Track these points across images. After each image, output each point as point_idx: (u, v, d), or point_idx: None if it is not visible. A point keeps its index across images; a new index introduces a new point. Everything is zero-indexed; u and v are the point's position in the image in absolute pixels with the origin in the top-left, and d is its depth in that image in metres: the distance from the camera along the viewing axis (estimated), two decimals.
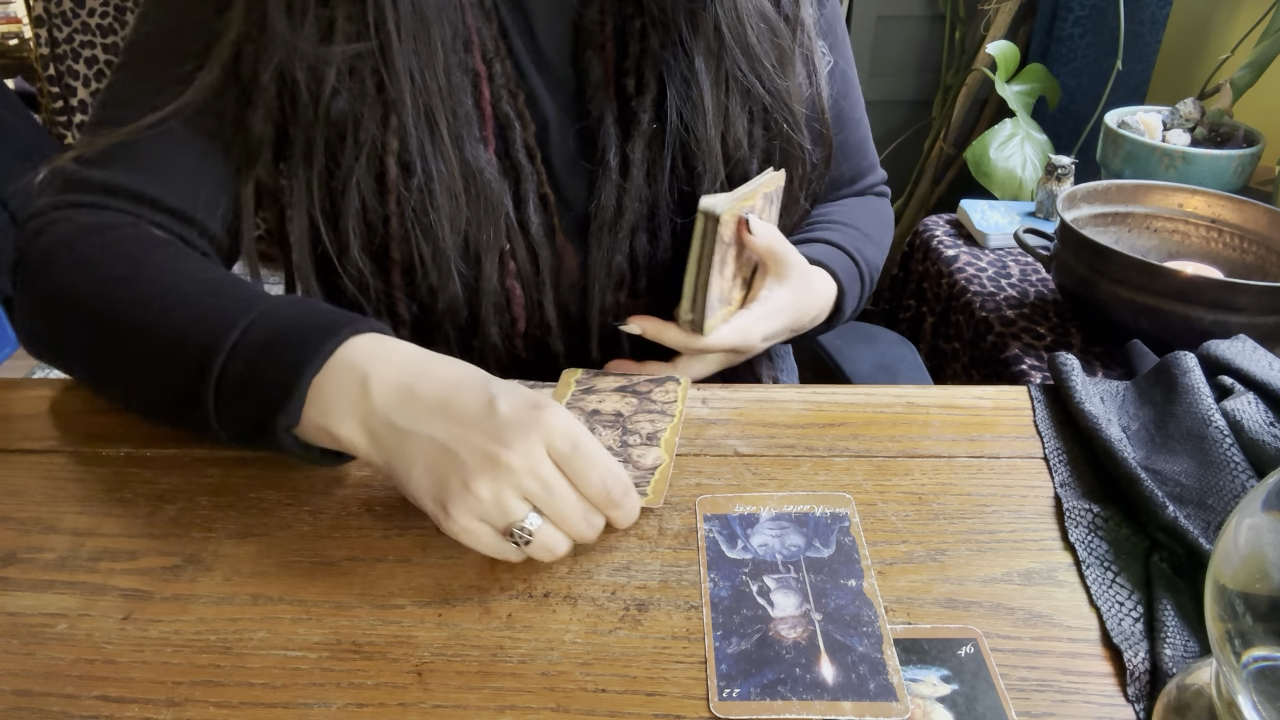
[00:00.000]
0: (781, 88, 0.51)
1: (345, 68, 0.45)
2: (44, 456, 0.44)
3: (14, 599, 0.36)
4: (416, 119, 0.46)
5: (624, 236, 0.51)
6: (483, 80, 0.48)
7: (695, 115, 0.50)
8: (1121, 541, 0.38)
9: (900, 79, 1.80)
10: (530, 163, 0.50)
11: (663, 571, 0.37)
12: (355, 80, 0.46)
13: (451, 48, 0.47)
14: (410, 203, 0.47)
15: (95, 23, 1.97)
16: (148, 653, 0.33)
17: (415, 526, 0.39)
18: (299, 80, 0.45)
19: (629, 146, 0.50)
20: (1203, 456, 0.41)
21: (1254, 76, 1.10)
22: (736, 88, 0.50)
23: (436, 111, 0.46)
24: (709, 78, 0.49)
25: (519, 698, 0.31)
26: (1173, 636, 0.33)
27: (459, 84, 0.47)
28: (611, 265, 0.52)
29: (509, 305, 0.52)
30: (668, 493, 0.40)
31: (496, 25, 0.49)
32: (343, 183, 0.47)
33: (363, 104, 0.46)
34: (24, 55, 1.93)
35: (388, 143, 0.46)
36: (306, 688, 0.32)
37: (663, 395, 0.47)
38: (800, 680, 0.32)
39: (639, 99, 0.50)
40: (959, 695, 0.32)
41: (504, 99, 0.49)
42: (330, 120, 0.46)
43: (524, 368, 0.55)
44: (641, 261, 0.53)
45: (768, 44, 0.50)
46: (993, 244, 1.08)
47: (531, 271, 0.52)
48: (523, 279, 0.52)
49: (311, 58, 0.45)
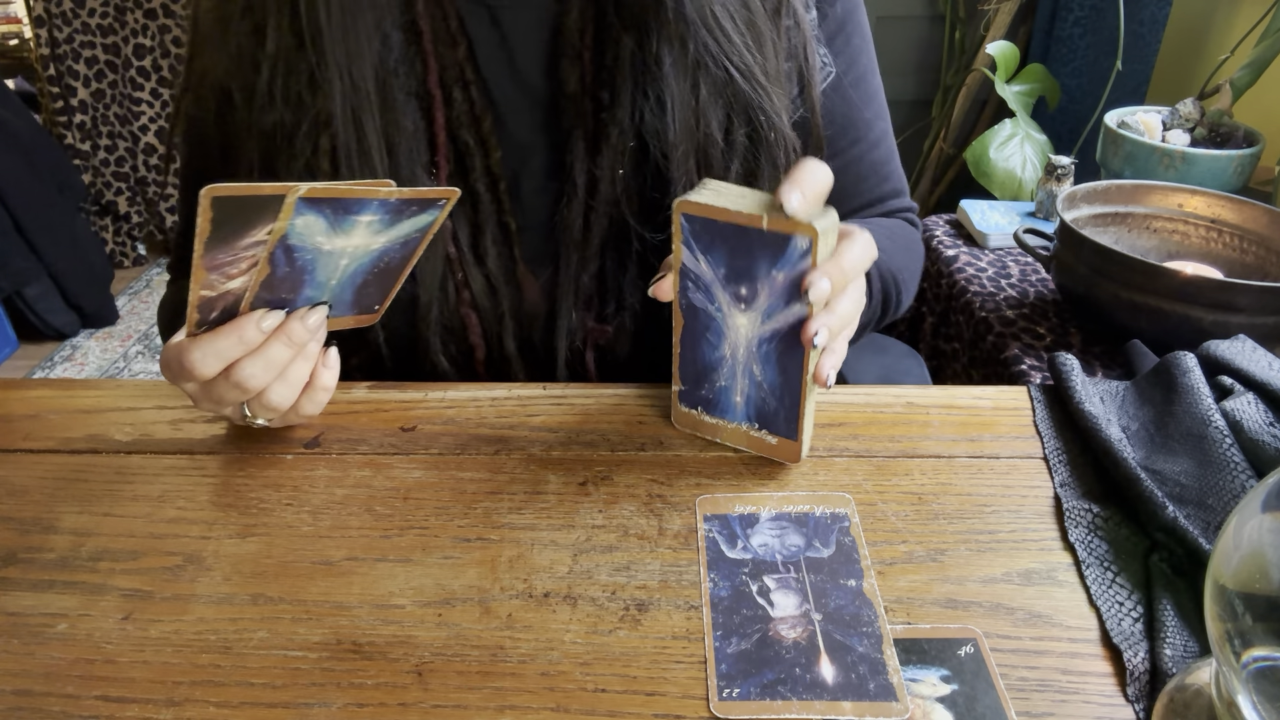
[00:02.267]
0: (756, 66, 0.47)
1: (277, 75, 0.45)
2: (44, 456, 0.44)
3: (14, 599, 0.36)
4: (345, 131, 0.45)
5: (592, 256, 0.50)
6: (436, 106, 0.47)
7: (664, 118, 0.47)
8: (1121, 541, 0.38)
9: (900, 79, 1.80)
10: (490, 191, 0.49)
11: (663, 571, 0.37)
12: (289, 90, 0.45)
13: (383, 59, 0.45)
14: None
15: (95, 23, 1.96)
16: (148, 653, 0.33)
17: (415, 526, 0.39)
18: (229, 88, 0.46)
19: (597, 162, 0.48)
20: (1202, 456, 0.41)
21: (1254, 77, 1.10)
22: (708, 79, 0.47)
23: (366, 123, 0.45)
24: (678, 69, 0.46)
25: (519, 698, 0.31)
26: (1172, 636, 0.33)
27: (401, 106, 0.46)
28: (579, 287, 0.50)
29: (465, 333, 0.51)
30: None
31: (464, 49, 0.47)
32: None
33: (296, 117, 0.46)
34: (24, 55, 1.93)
35: (318, 163, 0.46)
36: (306, 688, 0.32)
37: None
38: (800, 680, 0.32)
39: (609, 111, 0.47)
40: (959, 695, 0.32)
41: (464, 125, 0.48)
42: (263, 133, 0.46)
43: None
44: (610, 282, 0.51)
45: (742, 22, 0.47)
46: (992, 244, 1.08)
47: (489, 301, 0.51)
48: (479, 308, 0.51)
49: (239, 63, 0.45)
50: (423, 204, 0.38)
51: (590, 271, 0.50)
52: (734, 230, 0.38)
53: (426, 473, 0.43)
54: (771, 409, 0.42)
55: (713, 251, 0.39)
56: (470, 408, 0.47)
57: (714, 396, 0.43)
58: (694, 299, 0.41)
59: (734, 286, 0.40)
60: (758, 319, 0.40)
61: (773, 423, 0.42)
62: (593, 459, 0.44)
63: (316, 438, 0.45)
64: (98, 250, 1.92)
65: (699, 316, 0.42)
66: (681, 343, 0.43)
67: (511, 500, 0.41)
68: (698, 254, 0.40)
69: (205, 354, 0.37)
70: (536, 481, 0.42)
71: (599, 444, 0.45)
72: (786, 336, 0.39)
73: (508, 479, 0.42)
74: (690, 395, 0.44)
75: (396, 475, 0.42)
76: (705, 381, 0.43)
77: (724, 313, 0.41)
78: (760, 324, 0.40)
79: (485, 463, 0.43)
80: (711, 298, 0.41)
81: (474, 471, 0.43)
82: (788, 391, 0.41)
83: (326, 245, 0.37)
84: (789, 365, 0.40)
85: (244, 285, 0.37)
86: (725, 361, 0.42)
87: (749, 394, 0.42)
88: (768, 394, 0.41)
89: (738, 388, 0.42)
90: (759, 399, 0.42)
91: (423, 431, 0.46)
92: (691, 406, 0.45)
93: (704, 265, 0.40)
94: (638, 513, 0.40)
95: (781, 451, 0.43)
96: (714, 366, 0.43)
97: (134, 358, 1.79)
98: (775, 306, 0.39)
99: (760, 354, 0.41)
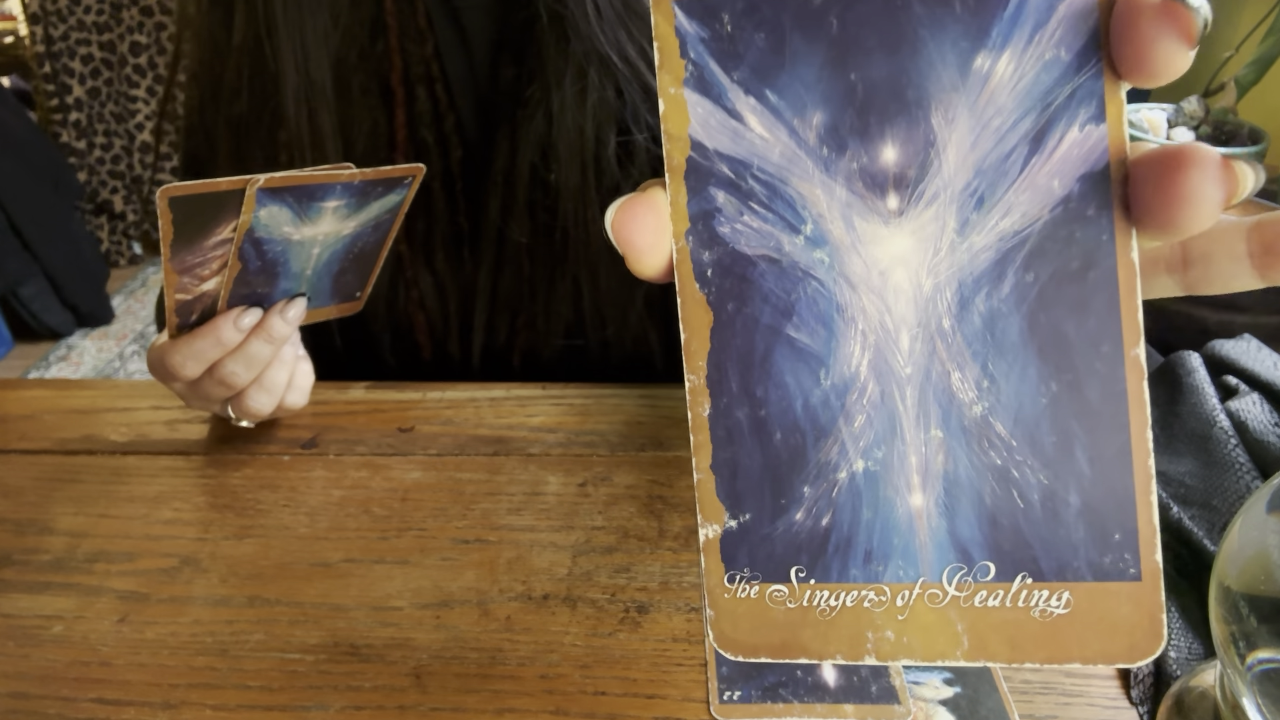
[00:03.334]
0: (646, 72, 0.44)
1: (244, 67, 0.45)
2: (39, 457, 0.44)
3: (9, 601, 0.36)
4: (299, 126, 0.45)
5: (510, 255, 0.49)
6: (398, 103, 0.47)
7: (560, 108, 0.45)
8: None
9: None
10: (446, 190, 0.48)
11: (663, 573, 0.37)
12: (254, 82, 0.45)
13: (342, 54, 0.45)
14: None
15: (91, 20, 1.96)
16: (144, 655, 0.33)
17: (413, 528, 0.39)
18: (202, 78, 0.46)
19: (518, 157, 0.47)
20: (1207, 457, 0.41)
21: (1258, 74, 1.10)
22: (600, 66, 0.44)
23: (322, 120, 0.45)
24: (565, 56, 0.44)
25: (518, 700, 0.31)
26: (1177, 638, 0.33)
27: (360, 102, 0.46)
28: (497, 288, 0.50)
29: (411, 332, 0.51)
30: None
31: (431, 46, 0.46)
32: None
33: (258, 110, 0.46)
34: (19, 53, 1.92)
35: (277, 154, 0.46)
36: (304, 690, 0.32)
37: None
38: (802, 683, 0.32)
39: (524, 107, 0.46)
40: (962, 698, 0.31)
41: (425, 124, 0.47)
42: (229, 122, 0.46)
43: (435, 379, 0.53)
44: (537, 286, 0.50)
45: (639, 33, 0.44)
46: None
47: (436, 301, 0.50)
48: (426, 308, 0.50)
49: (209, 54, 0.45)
50: (388, 184, 0.37)
51: (508, 273, 0.50)
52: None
53: (424, 474, 0.42)
54: (1043, 502, 0.16)
55: (779, 74, 0.16)
56: (469, 408, 0.47)
57: (835, 522, 0.17)
58: (728, 232, 0.17)
59: (858, 151, 0.16)
60: (947, 227, 0.16)
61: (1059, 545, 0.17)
62: (592, 459, 0.43)
63: (314, 438, 0.45)
64: (93, 249, 1.91)
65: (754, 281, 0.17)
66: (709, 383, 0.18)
67: (510, 501, 0.41)
68: (734, 96, 0.17)
69: (185, 357, 0.37)
70: (535, 482, 0.42)
71: (598, 444, 0.44)
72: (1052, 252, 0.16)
73: (506, 480, 0.42)
74: (757, 534, 0.18)
75: (394, 476, 0.42)
76: (797, 483, 0.17)
77: (833, 245, 0.17)
78: (959, 240, 0.16)
79: (484, 463, 0.43)
80: (789, 211, 0.17)
81: (472, 472, 0.42)
82: (1087, 427, 0.16)
83: (295, 235, 0.36)
84: (1074, 338, 0.16)
85: (219, 285, 0.36)
86: (856, 393, 0.17)
87: (954, 477, 0.17)
88: (1021, 456, 0.16)
89: (908, 470, 0.17)
90: (992, 485, 0.17)
91: (421, 432, 0.45)
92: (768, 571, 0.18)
93: (755, 121, 0.17)
94: (637, 514, 0.40)
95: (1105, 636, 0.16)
96: (821, 425, 0.17)
97: (129, 357, 1.79)
98: (1002, 165, 0.16)
99: (975, 334, 0.16)
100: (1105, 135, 0.15)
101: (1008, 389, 0.16)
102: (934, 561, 0.17)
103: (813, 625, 0.18)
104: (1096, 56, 0.15)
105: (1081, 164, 0.16)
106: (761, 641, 0.18)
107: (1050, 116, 0.16)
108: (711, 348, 0.17)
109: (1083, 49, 0.15)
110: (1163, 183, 0.15)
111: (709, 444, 0.18)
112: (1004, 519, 0.16)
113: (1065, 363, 0.16)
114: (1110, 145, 0.15)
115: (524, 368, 0.52)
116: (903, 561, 0.17)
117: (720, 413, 0.17)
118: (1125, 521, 0.16)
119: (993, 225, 0.16)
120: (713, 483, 0.18)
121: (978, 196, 0.16)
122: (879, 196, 0.16)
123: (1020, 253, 0.16)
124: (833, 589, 0.17)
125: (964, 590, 0.17)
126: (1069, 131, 0.16)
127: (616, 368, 0.53)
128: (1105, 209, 0.16)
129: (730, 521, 0.18)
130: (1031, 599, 0.16)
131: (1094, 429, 0.16)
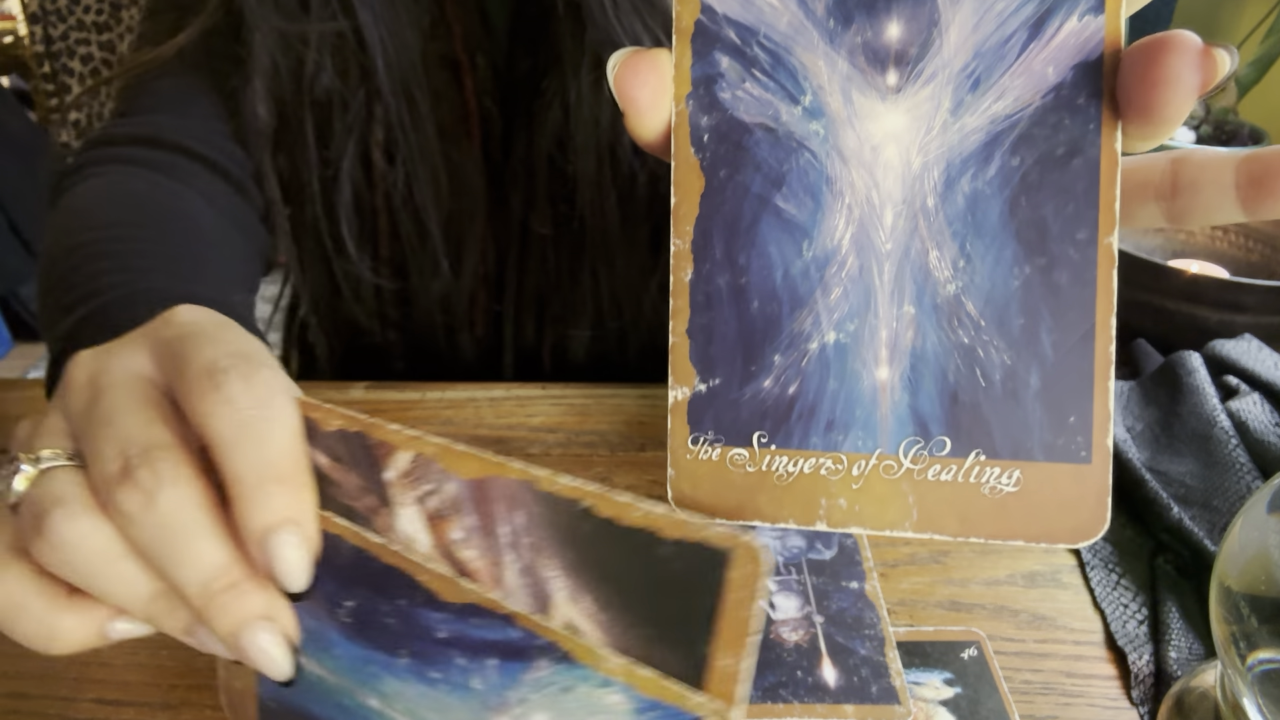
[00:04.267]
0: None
1: (326, 46, 0.44)
2: None
3: None
4: (397, 101, 0.45)
5: (534, 250, 0.49)
6: (465, 72, 0.46)
7: (576, 99, 0.45)
8: (1126, 543, 0.38)
9: None
10: (506, 160, 0.49)
11: None
12: (338, 60, 0.45)
13: (429, 33, 0.45)
14: (398, 194, 0.47)
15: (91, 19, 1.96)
16: (143, 655, 0.33)
17: None
18: (276, 59, 0.44)
19: (535, 148, 0.47)
20: (1208, 457, 0.41)
21: (1259, 74, 1.10)
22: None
23: (415, 93, 0.45)
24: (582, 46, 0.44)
25: None
26: (1177, 639, 0.33)
27: (435, 70, 0.46)
28: (523, 284, 0.50)
29: (472, 310, 0.52)
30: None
31: (478, 17, 0.47)
32: (334, 171, 0.46)
33: (347, 86, 0.45)
34: (18, 52, 1.92)
35: (372, 131, 0.45)
36: None
37: None
38: (802, 683, 0.32)
39: (541, 97, 0.46)
40: (962, 699, 0.31)
41: (486, 93, 0.47)
42: (315, 102, 0.45)
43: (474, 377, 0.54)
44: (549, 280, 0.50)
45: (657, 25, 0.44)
46: None
47: (495, 276, 0.51)
48: (487, 285, 0.51)
49: (285, 34, 0.44)
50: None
51: (531, 268, 0.50)
52: None
53: None
54: (1004, 382, 0.17)
55: None
56: (469, 408, 0.47)
57: (801, 391, 0.18)
58: (728, 98, 0.17)
59: (863, 25, 0.17)
60: (942, 106, 0.16)
61: (1015, 425, 0.17)
62: (592, 459, 0.43)
63: None
64: None
65: (748, 149, 0.17)
66: (694, 248, 0.18)
67: None
68: None
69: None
70: None
71: (598, 444, 0.44)
72: (1039, 138, 0.16)
73: None
74: (725, 399, 0.18)
75: None
76: (768, 351, 0.18)
77: (829, 117, 0.17)
78: (952, 120, 0.16)
79: None
80: (790, 81, 0.17)
81: None
82: (1054, 311, 0.17)
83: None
84: (1052, 224, 0.16)
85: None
86: (836, 266, 0.17)
87: (921, 353, 0.17)
88: (988, 336, 0.17)
89: (877, 344, 0.17)
90: (957, 363, 0.17)
91: None
92: (731, 435, 0.18)
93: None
94: None
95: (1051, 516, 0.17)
96: (798, 295, 0.18)
97: None
98: (1000, 49, 0.16)
99: (957, 214, 0.17)
100: (1102, 27, 0.16)
101: (983, 270, 0.17)
102: (893, 434, 0.17)
103: (769, 490, 0.18)
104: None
105: (1077, 53, 0.16)
106: (719, 503, 0.18)
107: (1051, 4, 0.16)
108: (700, 214, 0.18)
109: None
110: (1145, 66, 0.15)
111: (687, 309, 0.18)
112: (965, 396, 0.17)
113: (1041, 246, 0.16)
114: (1106, 36, 0.16)
115: (553, 360, 0.52)
116: (863, 432, 0.17)
117: (702, 278, 0.18)
118: (1081, 405, 0.17)
119: (986, 108, 0.16)
120: (687, 346, 0.18)
121: (974, 78, 0.16)
122: (879, 72, 0.17)
123: (1009, 136, 0.16)
124: (792, 455, 0.18)
125: (919, 463, 0.17)
126: (1068, 20, 0.16)
127: (634, 357, 0.53)
128: (1095, 98, 0.16)
129: (700, 385, 0.18)
130: (984, 475, 0.17)
131: (1061, 313, 0.16)
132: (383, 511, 0.19)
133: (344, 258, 0.48)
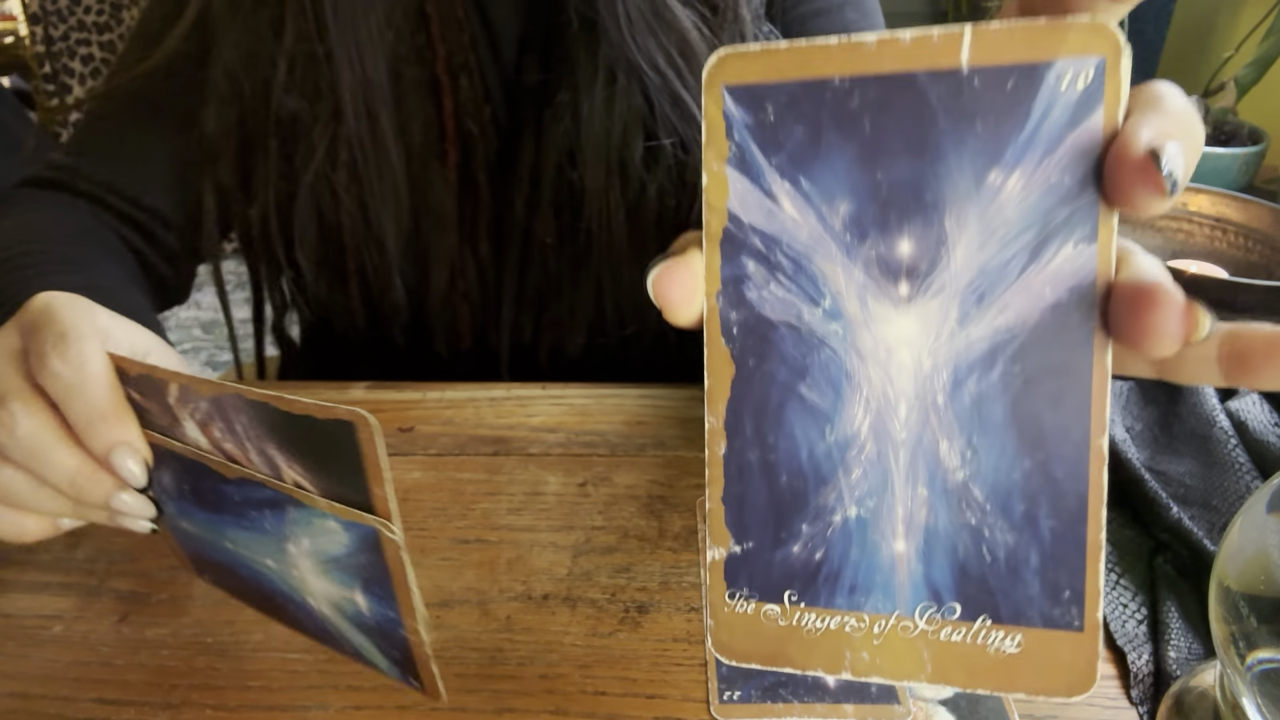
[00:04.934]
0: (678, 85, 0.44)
1: (295, 66, 0.45)
2: None
3: (10, 600, 0.36)
4: (358, 122, 0.45)
5: (535, 255, 0.49)
6: (445, 93, 0.47)
7: (588, 113, 0.45)
8: (1125, 543, 0.38)
9: None
10: (490, 181, 0.48)
11: (663, 573, 0.37)
12: (306, 81, 0.45)
13: (396, 50, 0.45)
14: (356, 215, 0.47)
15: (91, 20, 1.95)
16: (144, 655, 0.33)
17: (413, 528, 0.39)
18: (241, 78, 0.45)
19: (543, 157, 0.47)
20: (1207, 457, 0.41)
21: (1258, 74, 1.09)
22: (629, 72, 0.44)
23: (380, 114, 0.45)
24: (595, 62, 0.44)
25: (518, 700, 0.31)
26: (1177, 639, 0.33)
27: (410, 92, 0.46)
28: (523, 286, 0.50)
29: (454, 322, 0.52)
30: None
31: (468, 35, 0.47)
32: (295, 189, 0.47)
33: (313, 106, 0.46)
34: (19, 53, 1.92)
35: (337, 152, 0.46)
36: (304, 690, 0.32)
37: None
38: (802, 683, 0.32)
39: (552, 108, 0.46)
40: (961, 698, 0.31)
41: (468, 113, 0.47)
42: (279, 121, 0.46)
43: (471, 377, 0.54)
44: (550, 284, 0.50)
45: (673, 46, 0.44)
46: None
47: (479, 292, 0.51)
48: (469, 300, 0.51)
49: (254, 54, 0.45)
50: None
51: (532, 273, 0.50)
52: (874, 93, 0.18)
53: (424, 473, 0.42)
54: (1007, 559, 0.19)
55: (813, 164, 0.18)
56: (469, 408, 0.47)
57: (827, 558, 0.20)
58: (754, 297, 0.19)
59: (877, 241, 0.18)
60: (949, 316, 0.18)
61: (1017, 596, 0.19)
62: (592, 459, 0.43)
63: None
64: None
65: (774, 343, 0.19)
66: (727, 426, 0.20)
67: (510, 501, 0.41)
68: (770, 179, 0.19)
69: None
70: (535, 482, 0.42)
71: (598, 444, 0.44)
72: (1037, 350, 0.18)
73: (506, 480, 0.42)
74: (758, 561, 0.20)
75: (394, 476, 0.42)
76: (796, 520, 0.20)
77: (847, 320, 0.19)
78: (958, 329, 0.18)
79: (483, 463, 0.43)
80: (810, 286, 0.19)
81: (472, 472, 0.42)
82: (1051, 500, 0.18)
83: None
84: (1049, 425, 0.18)
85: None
86: (856, 450, 0.19)
87: (934, 530, 0.19)
88: (992, 519, 0.19)
89: (895, 520, 0.19)
90: (966, 540, 0.19)
91: (420, 432, 0.45)
92: (765, 592, 0.20)
93: (788, 203, 0.19)
94: (637, 514, 0.40)
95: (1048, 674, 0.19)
96: (822, 473, 0.19)
97: None
98: (1003, 269, 0.18)
99: (964, 411, 0.18)
100: (1095, 255, 0.17)
101: (987, 461, 0.19)
102: (909, 598, 0.19)
103: (799, 642, 0.20)
104: (1095, 185, 0.17)
105: (1071, 277, 0.18)
106: (754, 650, 0.21)
107: (1049, 232, 0.17)
108: (731, 395, 0.20)
109: (1083, 177, 0.17)
110: (1133, 313, 0.17)
111: (722, 479, 0.20)
112: (973, 569, 0.19)
113: (1039, 444, 0.18)
114: (1098, 264, 0.17)
115: (550, 365, 0.53)
116: (882, 596, 0.20)
117: (734, 453, 0.20)
118: (1075, 583, 0.18)
119: (989, 320, 0.18)
120: (722, 513, 0.20)
121: (979, 293, 0.18)
122: (892, 283, 0.18)
123: (1010, 346, 0.18)
124: (819, 613, 0.20)
125: (932, 625, 0.19)
126: (1064, 247, 0.18)
127: (636, 365, 0.53)
128: (1087, 319, 0.18)
129: (735, 547, 0.20)
130: (990, 637, 0.19)
131: (1057, 503, 0.18)
132: (176, 426, 0.27)
133: (296, 272, 0.49)
